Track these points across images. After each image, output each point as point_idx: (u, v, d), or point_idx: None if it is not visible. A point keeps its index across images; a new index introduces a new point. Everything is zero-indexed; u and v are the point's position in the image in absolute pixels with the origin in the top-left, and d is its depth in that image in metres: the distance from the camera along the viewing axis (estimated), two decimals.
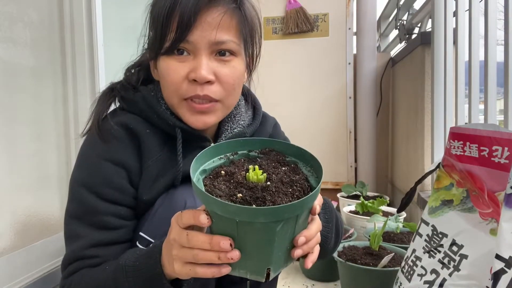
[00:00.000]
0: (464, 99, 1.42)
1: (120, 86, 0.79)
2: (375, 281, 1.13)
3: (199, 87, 0.70)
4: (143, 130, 0.74)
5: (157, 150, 0.75)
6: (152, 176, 0.74)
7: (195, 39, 0.68)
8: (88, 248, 0.69)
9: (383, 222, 1.30)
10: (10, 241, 1.00)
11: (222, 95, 0.73)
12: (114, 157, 0.72)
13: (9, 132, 1.02)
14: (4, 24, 1.00)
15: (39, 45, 1.13)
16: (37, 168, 1.11)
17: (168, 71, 0.71)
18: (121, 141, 0.73)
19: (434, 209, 0.88)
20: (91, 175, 0.71)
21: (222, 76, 0.71)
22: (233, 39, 0.71)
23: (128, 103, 0.77)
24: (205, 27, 0.68)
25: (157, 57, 0.72)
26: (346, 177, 2.38)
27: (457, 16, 1.44)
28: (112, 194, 0.71)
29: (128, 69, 0.83)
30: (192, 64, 0.70)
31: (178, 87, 0.71)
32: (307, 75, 2.39)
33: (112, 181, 0.71)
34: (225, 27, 0.69)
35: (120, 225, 0.72)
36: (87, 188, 0.70)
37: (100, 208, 0.70)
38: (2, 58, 1.00)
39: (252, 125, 0.85)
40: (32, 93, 1.10)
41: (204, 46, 0.69)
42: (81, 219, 0.70)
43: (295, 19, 2.34)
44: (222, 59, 0.71)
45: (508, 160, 0.71)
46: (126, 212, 0.73)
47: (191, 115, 0.73)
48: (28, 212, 1.08)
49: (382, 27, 2.94)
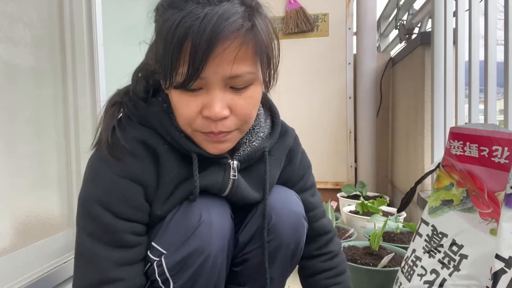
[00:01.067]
0: (464, 99, 1.42)
1: (128, 99, 0.75)
2: (375, 281, 1.13)
3: (213, 124, 0.66)
4: (161, 147, 0.71)
5: (175, 167, 0.72)
6: (168, 193, 0.73)
7: (209, 76, 0.63)
8: (113, 270, 0.67)
9: (383, 222, 1.30)
10: (10, 241, 1.00)
11: (238, 125, 0.69)
12: (132, 174, 0.69)
13: (9, 132, 1.01)
14: (4, 24, 1.00)
15: (39, 45, 1.13)
16: (37, 168, 1.11)
17: (180, 105, 0.67)
18: (139, 158, 0.70)
19: (434, 209, 0.88)
20: (107, 193, 0.68)
21: (238, 109, 0.67)
22: (249, 70, 0.65)
23: (140, 119, 0.73)
24: (219, 63, 0.62)
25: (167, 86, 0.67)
26: (346, 177, 2.38)
27: (457, 16, 1.44)
28: (131, 213, 0.69)
29: (135, 74, 0.77)
30: (206, 99, 0.65)
31: (191, 122, 0.67)
32: (307, 75, 2.39)
33: (130, 199, 0.69)
34: (240, 60, 0.63)
35: (138, 242, 0.71)
36: (104, 207, 0.68)
37: (118, 226, 0.68)
38: (2, 58, 1.00)
39: (271, 138, 0.81)
40: (32, 93, 1.10)
41: (218, 81, 0.64)
42: (100, 239, 0.68)
43: (295, 19, 2.35)
44: (237, 91, 0.66)
45: (508, 160, 0.71)
46: (142, 229, 0.72)
47: (208, 143, 0.70)
48: (28, 212, 1.08)
49: (382, 27, 2.94)
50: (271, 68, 0.73)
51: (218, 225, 0.71)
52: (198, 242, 0.69)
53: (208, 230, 0.70)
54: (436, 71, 1.58)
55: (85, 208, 0.69)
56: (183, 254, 0.69)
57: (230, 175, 0.74)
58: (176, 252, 0.69)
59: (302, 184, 0.89)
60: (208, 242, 0.69)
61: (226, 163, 0.75)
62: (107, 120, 0.72)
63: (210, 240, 0.69)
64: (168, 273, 0.70)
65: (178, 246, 0.70)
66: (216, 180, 0.74)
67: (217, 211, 0.73)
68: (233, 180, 0.75)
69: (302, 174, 0.89)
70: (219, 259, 0.72)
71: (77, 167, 1.23)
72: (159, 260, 0.71)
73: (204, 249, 0.69)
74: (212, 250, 0.70)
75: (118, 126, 0.72)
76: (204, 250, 0.69)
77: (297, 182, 0.89)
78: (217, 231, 0.71)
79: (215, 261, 0.70)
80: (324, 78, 2.38)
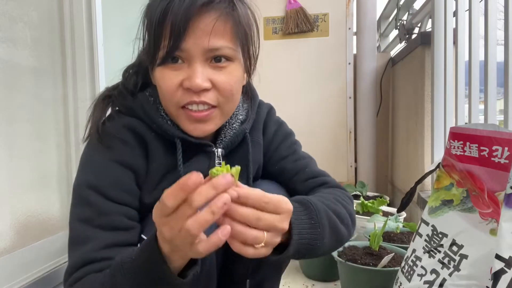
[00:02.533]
0: (464, 99, 1.42)
1: (117, 92, 0.78)
2: (375, 281, 1.13)
3: (195, 95, 0.68)
4: (149, 134, 0.74)
5: (161, 154, 0.74)
6: (155, 180, 0.74)
7: (189, 47, 0.66)
8: (98, 250, 0.65)
9: (383, 222, 1.30)
10: (10, 241, 1.00)
11: (219, 101, 0.71)
12: (122, 159, 0.71)
13: (9, 132, 1.01)
14: (4, 24, 1.00)
15: (39, 45, 1.13)
16: (37, 168, 1.11)
17: (163, 80, 0.70)
18: (128, 143, 0.72)
19: (434, 209, 0.88)
20: (98, 177, 0.69)
21: (219, 83, 0.69)
22: (228, 45, 0.69)
23: (127, 109, 0.76)
24: (198, 34, 0.66)
25: (153, 66, 0.71)
26: (346, 177, 2.38)
27: (457, 16, 1.44)
28: (122, 196, 0.70)
29: (127, 70, 0.81)
30: (187, 72, 0.68)
31: (173, 95, 0.69)
32: (307, 75, 2.39)
33: (121, 182, 0.70)
34: (219, 33, 0.67)
35: (131, 226, 0.70)
36: (95, 190, 0.68)
37: (110, 208, 0.68)
38: (2, 58, 1.00)
39: (249, 120, 0.83)
40: (32, 93, 1.10)
41: (198, 54, 0.67)
42: (90, 222, 0.67)
43: (295, 19, 2.34)
44: (218, 65, 0.69)
45: (508, 160, 0.71)
46: (135, 214, 0.72)
47: (190, 123, 0.72)
48: (28, 212, 1.08)
49: (382, 27, 2.94)
50: (251, 55, 0.76)
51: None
52: None
53: None
54: (436, 71, 1.58)
55: (77, 194, 0.70)
56: None
57: (215, 164, 0.76)
58: None
59: (279, 153, 0.89)
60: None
61: (211, 151, 0.77)
62: (97, 113, 0.75)
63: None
64: None
65: None
66: (202, 168, 0.72)
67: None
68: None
69: (278, 143, 0.89)
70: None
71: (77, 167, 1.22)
72: None
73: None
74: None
75: (107, 117, 0.76)
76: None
77: (274, 152, 0.88)
78: None
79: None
80: (324, 78, 2.38)
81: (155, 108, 0.75)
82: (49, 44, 1.18)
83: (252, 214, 0.52)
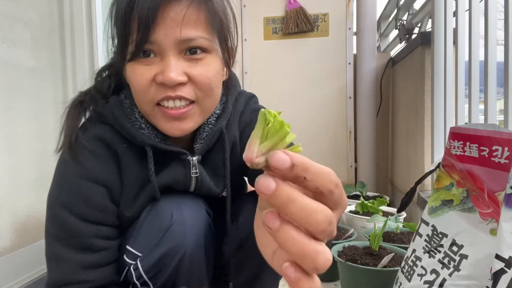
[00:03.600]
0: (464, 99, 1.42)
1: (89, 97, 0.73)
2: (375, 281, 1.13)
3: (170, 89, 0.63)
4: (120, 145, 0.70)
5: (136, 165, 0.70)
6: (133, 193, 0.71)
7: (159, 39, 0.61)
8: (75, 271, 0.66)
9: (383, 222, 1.30)
10: (10, 241, 1.00)
11: (198, 96, 0.65)
12: (94, 175, 0.68)
13: (9, 132, 1.01)
14: (4, 24, 1.00)
15: (39, 45, 1.13)
16: (37, 168, 1.11)
17: (134, 76, 0.64)
18: (100, 157, 0.69)
19: (434, 209, 0.88)
20: (71, 196, 0.67)
21: (196, 76, 0.64)
22: (203, 35, 0.63)
23: (99, 116, 0.72)
24: (168, 24, 0.61)
25: (124, 64, 0.66)
26: (346, 177, 2.38)
27: (457, 16, 1.44)
28: (94, 215, 0.68)
29: (99, 74, 0.77)
30: (160, 66, 0.63)
31: (145, 91, 0.64)
32: (307, 75, 2.39)
33: (93, 201, 0.68)
34: (191, 22, 0.62)
35: (104, 246, 0.69)
36: (68, 210, 0.67)
37: (83, 230, 0.67)
38: (2, 58, 1.00)
39: (224, 113, 0.76)
40: (32, 93, 1.10)
41: (171, 46, 0.62)
42: (64, 242, 0.67)
43: (295, 19, 2.35)
44: (193, 57, 0.64)
45: (508, 160, 0.71)
46: (110, 232, 0.71)
47: (166, 122, 0.66)
48: (28, 212, 1.08)
49: (382, 27, 2.94)
50: (229, 47, 0.71)
51: (191, 222, 0.69)
52: (172, 241, 0.67)
53: (181, 228, 0.68)
54: (436, 71, 1.58)
55: (50, 212, 0.69)
56: (158, 255, 0.67)
57: (192, 173, 0.72)
58: (150, 254, 0.68)
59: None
60: (182, 240, 0.67)
61: (185, 159, 0.72)
62: (69, 122, 0.71)
63: (184, 238, 0.68)
64: (145, 275, 0.69)
65: (152, 247, 0.68)
66: (178, 177, 0.72)
67: (189, 208, 0.71)
68: (196, 177, 0.73)
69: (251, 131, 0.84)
70: (196, 256, 0.70)
71: None
72: (135, 263, 0.70)
73: (179, 248, 0.67)
74: (188, 248, 0.68)
75: (80, 126, 0.71)
76: (179, 249, 0.67)
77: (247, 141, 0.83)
78: (191, 228, 0.69)
79: (192, 258, 0.69)
80: (324, 78, 2.38)
81: (130, 111, 0.71)
82: (49, 44, 1.18)
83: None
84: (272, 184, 0.28)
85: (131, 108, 0.71)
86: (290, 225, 0.29)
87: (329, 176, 0.30)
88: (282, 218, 0.29)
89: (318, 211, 0.28)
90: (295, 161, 0.29)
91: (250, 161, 0.31)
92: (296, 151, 0.31)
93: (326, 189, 0.30)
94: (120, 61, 0.67)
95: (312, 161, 0.30)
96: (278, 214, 0.29)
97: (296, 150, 0.32)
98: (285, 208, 0.28)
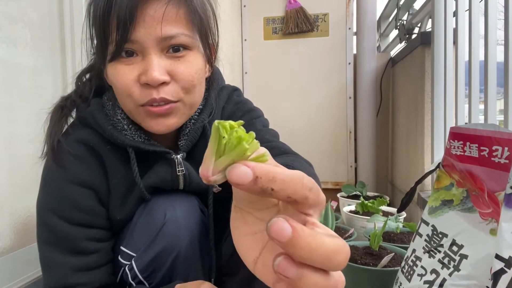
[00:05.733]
0: (464, 99, 1.42)
1: (70, 102, 0.73)
2: (375, 281, 1.13)
3: (154, 91, 0.62)
4: (104, 147, 0.70)
5: (121, 167, 0.70)
6: (121, 195, 0.71)
7: (140, 37, 0.60)
8: (68, 276, 0.67)
9: (383, 222, 1.30)
10: (10, 241, 1.00)
11: (181, 95, 0.65)
12: (79, 179, 0.68)
13: (9, 132, 1.01)
14: (4, 24, 1.00)
15: (39, 45, 1.13)
16: (37, 168, 1.11)
17: (116, 77, 0.63)
18: (84, 161, 0.69)
19: (434, 209, 0.88)
20: (58, 201, 0.68)
21: (178, 74, 0.63)
22: (184, 32, 0.63)
23: (81, 120, 0.72)
24: (148, 22, 0.60)
25: (105, 64, 0.65)
26: (346, 177, 2.38)
27: (457, 16, 1.44)
28: (83, 218, 0.68)
29: (79, 77, 0.76)
30: (142, 65, 0.62)
31: (129, 92, 0.63)
32: (307, 75, 2.39)
33: (81, 204, 0.68)
34: (171, 20, 0.61)
35: (96, 249, 0.70)
36: (57, 215, 0.67)
37: (73, 234, 0.67)
38: (2, 58, 1.00)
39: (206, 108, 0.75)
40: (32, 93, 1.10)
41: (152, 44, 0.61)
42: (56, 246, 0.68)
43: (295, 19, 2.35)
44: (175, 55, 0.63)
45: (508, 160, 0.71)
46: (101, 234, 0.71)
47: (151, 119, 0.65)
48: (28, 212, 1.08)
49: (382, 27, 2.94)
50: (210, 43, 0.70)
51: (185, 220, 0.69)
52: (165, 240, 0.67)
53: (175, 227, 0.68)
54: (436, 71, 1.58)
55: (40, 217, 0.69)
56: (152, 255, 0.67)
57: (178, 171, 0.71)
58: (144, 254, 0.68)
59: None
60: (176, 239, 0.67)
61: (170, 158, 0.71)
62: (51, 127, 0.71)
63: (178, 237, 0.68)
64: (140, 275, 0.69)
65: (146, 247, 0.68)
66: (164, 177, 0.72)
67: (183, 206, 0.71)
68: (183, 175, 0.72)
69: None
70: (191, 254, 0.70)
71: None
72: (130, 264, 0.70)
73: (173, 247, 0.67)
74: (182, 246, 0.68)
75: (63, 132, 0.71)
76: (173, 248, 0.67)
77: None
78: (185, 226, 0.69)
79: (187, 257, 0.69)
80: (324, 78, 2.38)
81: (112, 113, 0.70)
82: (49, 44, 1.18)
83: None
84: (288, 230, 0.24)
85: (113, 109, 0.71)
86: (309, 269, 0.25)
87: (300, 181, 0.27)
88: (298, 263, 0.25)
89: (339, 252, 0.25)
90: (258, 172, 0.25)
91: (206, 179, 0.28)
92: (261, 160, 0.28)
93: (299, 196, 0.27)
94: (101, 62, 0.66)
95: (278, 167, 0.28)
96: (292, 260, 0.25)
97: (261, 159, 0.28)
98: (304, 258, 0.25)
